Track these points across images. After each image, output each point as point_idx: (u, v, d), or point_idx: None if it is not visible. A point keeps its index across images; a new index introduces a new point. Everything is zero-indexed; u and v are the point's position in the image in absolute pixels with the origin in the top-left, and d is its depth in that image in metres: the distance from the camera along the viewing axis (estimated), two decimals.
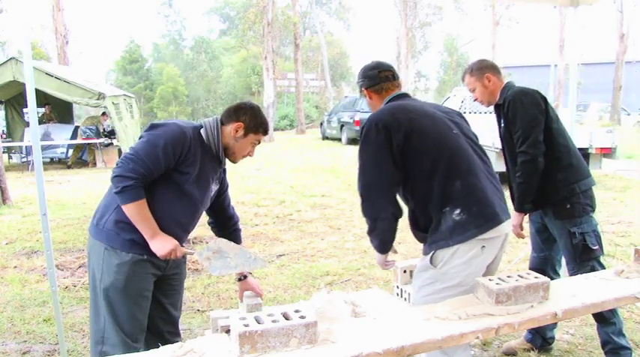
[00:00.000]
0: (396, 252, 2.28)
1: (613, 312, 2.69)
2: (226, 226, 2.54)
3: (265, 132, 2.30)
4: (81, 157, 13.12)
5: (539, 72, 27.82)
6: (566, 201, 2.65)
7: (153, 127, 2.13)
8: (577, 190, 2.66)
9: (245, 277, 2.59)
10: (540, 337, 3.02)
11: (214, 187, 2.34)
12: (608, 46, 24.66)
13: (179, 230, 2.19)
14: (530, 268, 2.98)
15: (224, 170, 2.41)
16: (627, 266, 2.12)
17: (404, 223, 2.15)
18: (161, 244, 2.07)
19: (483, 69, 2.80)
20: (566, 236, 2.67)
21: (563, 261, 2.90)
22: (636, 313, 3.53)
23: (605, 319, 2.70)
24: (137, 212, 2.03)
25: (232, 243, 2.20)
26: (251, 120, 2.24)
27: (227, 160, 2.35)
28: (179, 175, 2.11)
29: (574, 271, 2.65)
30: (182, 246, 2.26)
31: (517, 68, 30.26)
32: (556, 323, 3.04)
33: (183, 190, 2.13)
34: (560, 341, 3.14)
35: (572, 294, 1.87)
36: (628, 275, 2.05)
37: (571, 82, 4.07)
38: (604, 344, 2.77)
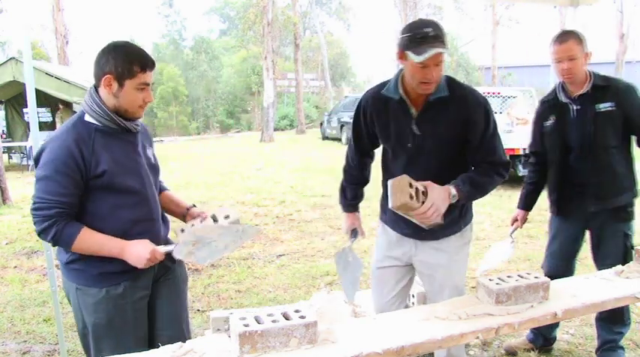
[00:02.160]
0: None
1: (628, 313, 2.72)
2: None
3: (143, 67, 1.81)
4: None
5: (539, 72, 27.77)
6: (630, 204, 2.66)
7: (36, 161, 1.84)
8: (637, 191, 2.68)
9: (193, 205, 2.18)
10: (542, 336, 3.02)
11: (149, 156, 1.99)
12: (608, 46, 24.67)
13: (148, 226, 1.92)
14: (550, 275, 2.89)
15: (144, 130, 2.03)
16: (627, 266, 2.12)
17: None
18: (136, 256, 1.79)
19: (585, 43, 2.53)
20: (621, 238, 2.64)
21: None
22: (636, 313, 3.52)
23: (622, 320, 2.73)
24: (85, 246, 1.80)
25: (210, 225, 1.88)
26: (117, 64, 1.78)
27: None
28: (99, 180, 1.80)
29: None
30: (164, 239, 2.00)
31: (517, 68, 30.25)
32: (558, 323, 3.04)
33: (116, 189, 1.83)
34: (561, 341, 3.13)
35: (572, 294, 1.87)
36: (628, 275, 2.05)
37: None
38: (606, 342, 2.78)
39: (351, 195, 2.45)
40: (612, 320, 2.76)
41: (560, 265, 2.82)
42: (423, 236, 2.20)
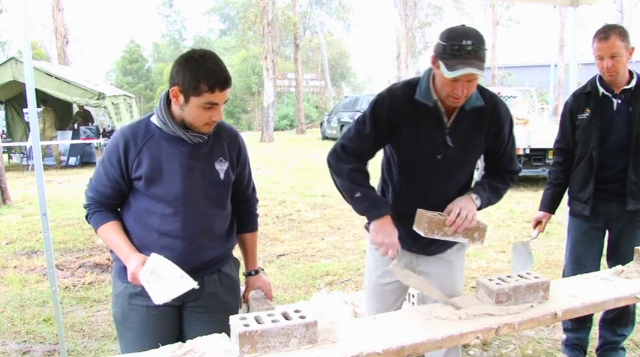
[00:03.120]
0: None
1: (634, 315, 2.71)
2: (239, 209, 2.04)
3: (212, 87, 1.64)
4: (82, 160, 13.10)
5: (539, 72, 27.78)
6: None
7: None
8: None
9: (256, 272, 2.06)
10: (583, 350, 2.92)
11: (216, 170, 1.83)
12: None
13: (174, 243, 1.78)
14: None
15: (230, 140, 1.88)
16: (627, 266, 2.12)
17: None
18: (128, 269, 1.70)
19: (628, 39, 2.43)
20: (639, 243, 2.53)
21: None
22: (636, 313, 3.52)
23: (627, 323, 2.72)
24: (103, 237, 1.82)
25: (165, 260, 1.67)
26: (185, 78, 1.65)
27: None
28: (138, 182, 1.76)
29: None
30: (207, 262, 1.84)
31: (517, 68, 30.24)
32: (589, 332, 2.96)
33: (150, 195, 1.77)
34: (559, 341, 3.13)
35: (572, 294, 1.87)
36: (628, 275, 2.05)
37: (571, 82, 4.06)
38: (607, 343, 2.76)
39: (377, 194, 2.02)
40: (618, 322, 2.73)
41: (588, 271, 2.56)
42: (430, 251, 2.10)
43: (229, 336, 1.46)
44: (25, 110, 13.38)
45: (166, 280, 1.64)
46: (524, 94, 11.16)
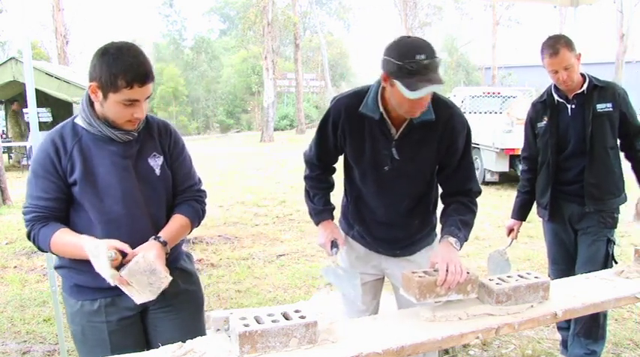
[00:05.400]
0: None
1: (605, 330, 2.69)
2: (179, 199, 1.87)
3: (130, 82, 1.54)
4: None
5: (540, 72, 27.72)
6: (617, 209, 2.67)
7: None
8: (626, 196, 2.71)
9: (164, 242, 1.72)
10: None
11: (151, 166, 1.73)
12: (608, 46, 24.64)
13: (127, 247, 1.58)
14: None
15: (160, 140, 1.78)
16: (627, 266, 2.12)
17: None
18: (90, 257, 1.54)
19: (574, 46, 2.49)
20: (604, 244, 2.62)
21: None
22: (636, 313, 3.53)
23: (597, 336, 2.69)
24: (61, 249, 1.63)
25: (133, 260, 1.53)
26: (102, 73, 1.54)
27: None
28: (74, 188, 1.64)
29: None
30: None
31: (517, 68, 30.22)
32: None
33: (89, 203, 1.65)
34: (559, 341, 3.13)
35: (572, 294, 1.87)
36: (628, 275, 2.05)
37: None
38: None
39: (321, 201, 2.15)
40: (587, 334, 2.70)
41: (566, 270, 2.73)
42: (395, 254, 2.07)
43: (197, 327, 1.43)
44: (24, 110, 13.37)
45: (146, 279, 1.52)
46: (524, 94, 11.16)
